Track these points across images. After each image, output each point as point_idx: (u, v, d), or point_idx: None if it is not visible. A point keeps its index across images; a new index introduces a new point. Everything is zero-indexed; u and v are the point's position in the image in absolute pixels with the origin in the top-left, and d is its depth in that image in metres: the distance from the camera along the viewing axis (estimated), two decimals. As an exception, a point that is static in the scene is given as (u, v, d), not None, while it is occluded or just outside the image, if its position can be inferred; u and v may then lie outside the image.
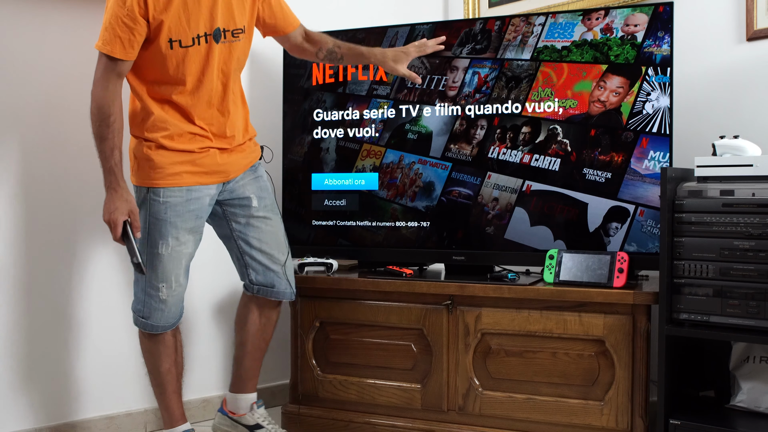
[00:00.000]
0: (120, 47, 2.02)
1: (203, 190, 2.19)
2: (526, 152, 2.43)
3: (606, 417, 2.19)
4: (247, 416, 2.41)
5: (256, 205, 2.31)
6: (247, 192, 2.29)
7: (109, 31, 2.01)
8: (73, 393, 2.49)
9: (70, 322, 2.49)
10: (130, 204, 2.08)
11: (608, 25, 2.36)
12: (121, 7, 2.00)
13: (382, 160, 2.61)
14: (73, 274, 2.50)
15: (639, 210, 2.30)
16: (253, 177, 2.32)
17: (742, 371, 2.14)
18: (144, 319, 2.18)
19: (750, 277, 1.94)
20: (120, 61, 2.04)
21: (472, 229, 2.49)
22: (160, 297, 2.15)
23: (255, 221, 2.31)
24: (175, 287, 2.17)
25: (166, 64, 2.09)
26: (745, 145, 2.04)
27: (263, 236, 2.32)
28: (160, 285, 2.15)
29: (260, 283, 2.34)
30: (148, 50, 2.08)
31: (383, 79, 2.61)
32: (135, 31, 2.02)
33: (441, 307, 2.38)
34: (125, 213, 2.06)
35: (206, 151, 2.19)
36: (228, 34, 2.17)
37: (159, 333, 2.19)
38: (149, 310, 2.17)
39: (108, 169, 2.07)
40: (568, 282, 2.26)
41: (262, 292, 2.34)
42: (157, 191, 2.13)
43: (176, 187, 2.14)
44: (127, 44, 2.03)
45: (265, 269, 2.32)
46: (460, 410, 2.36)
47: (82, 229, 2.51)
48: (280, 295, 2.35)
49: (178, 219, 2.14)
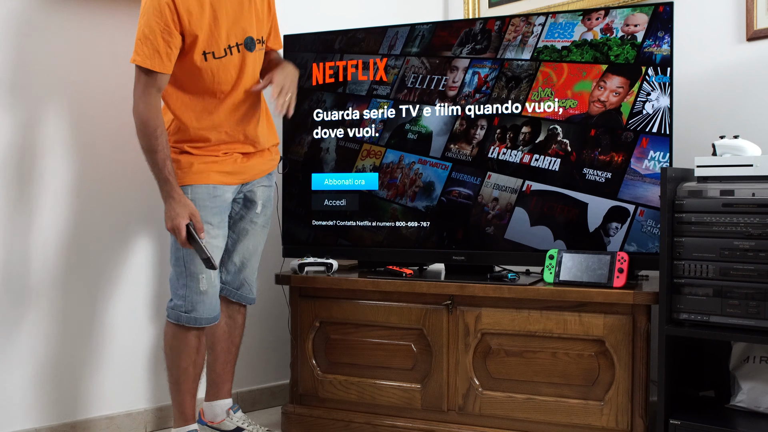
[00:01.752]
0: (159, 61, 2.04)
1: (225, 189, 2.25)
2: (526, 152, 2.43)
3: (606, 417, 2.19)
4: (225, 422, 2.44)
5: (258, 212, 2.38)
6: (256, 196, 2.37)
7: (147, 44, 2.03)
8: (73, 393, 2.49)
9: (72, 325, 2.49)
10: (189, 207, 2.12)
11: (608, 25, 2.36)
12: (158, 20, 2.02)
13: (382, 160, 2.61)
14: (80, 278, 2.50)
15: (639, 210, 2.30)
16: (266, 184, 2.40)
17: (742, 371, 2.14)
18: (187, 314, 2.21)
19: (750, 277, 1.93)
20: (159, 75, 2.07)
21: (472, 229, 2.49)
22: (200, 288, 2.20)
23: (251, 227, 2.38)
24: (214, 278, 2.23)
25: (202, 75, 2.14)
26: (745, 145, 2.04)
27: (250, 244, 2.39)
28: (200, 276, 2.19)
29: (227, 283, 2.40)
30: (184, 62, 2.11)
31: (383, 79, 2.61)
32: (172, 44, 2.05)
33: (441, 307, 2.38)
34: (186, 217, 2.10)
35: (230, 155, 2.26)
36: (258, 43, 2.24)
37: (191, 328, 2.22)
38: (191, 304, 2.20)
39: (163, 179, 2.11)
40: (568, 282, 2.26)
41: (226, 292, 2.39)
42: (186, 189, 2.18)
43: (202, 184, 2.20)
44: (165, 58, 2.05)
45: (237, 272, 2.39)
46: (460, 410, 2.36)
47: (88, 232, 2.52)
48: (243, 299, 2.42)
49: (204, 212, 2.20)
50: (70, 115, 2.47)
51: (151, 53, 2.03)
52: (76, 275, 2.49)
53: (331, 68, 2.68)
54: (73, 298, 2.49)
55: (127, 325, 2.61)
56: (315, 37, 2.67)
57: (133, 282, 2.62)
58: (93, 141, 2.51)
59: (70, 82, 2.46)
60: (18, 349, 2.38)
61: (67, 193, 2.47)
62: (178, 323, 2.21)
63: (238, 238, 2.37)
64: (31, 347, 2.41)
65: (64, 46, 2.44)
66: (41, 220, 2.42)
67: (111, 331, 2.57)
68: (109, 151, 2.54)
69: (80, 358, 2.51)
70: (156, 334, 2.64)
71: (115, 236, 2.57)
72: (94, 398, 2.53)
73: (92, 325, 2.54)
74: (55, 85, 2.43)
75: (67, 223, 2.47)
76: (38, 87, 2.40)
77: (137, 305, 2.63)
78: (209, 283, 2.21)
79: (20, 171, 2.38)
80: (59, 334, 2.46)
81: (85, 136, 2.50)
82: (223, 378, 2.45)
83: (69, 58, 2.45)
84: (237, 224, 2.36)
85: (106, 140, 2.53)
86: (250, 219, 2.37)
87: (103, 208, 2.54)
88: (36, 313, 2.42)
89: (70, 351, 2.49)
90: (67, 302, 2.48)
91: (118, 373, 2.58)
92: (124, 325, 2.60)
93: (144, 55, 2.04)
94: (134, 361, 2.62)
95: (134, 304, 2.62)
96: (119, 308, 2.59)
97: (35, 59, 2.39)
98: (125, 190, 2.56)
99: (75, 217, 2.49)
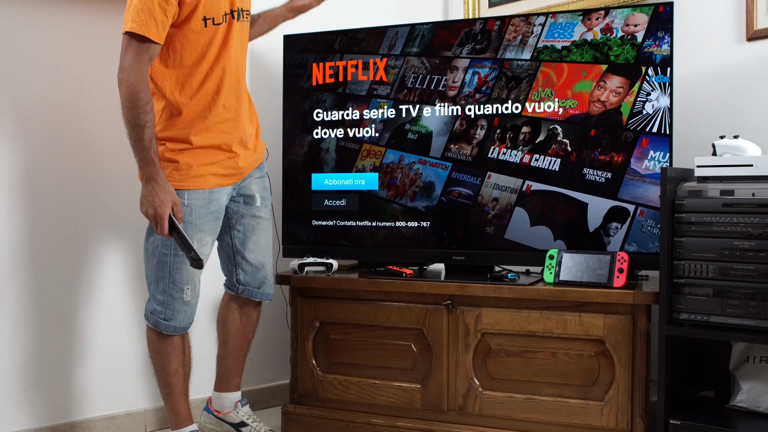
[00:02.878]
0: (155, 29, 1.97)
1: (221, 192, 2.21)
2: (526, 152, 2.43)
3: (606, 417, 2.19)
4: (231, 414, 2.43)
5: (258, 205, 2.35)
6: (252, 190, 2.33)
7: (143, 12, 1.95)
8: (73, 393, 2.49)
9: (71, 323, 2.49)
10: (173, 195, 2.03)
11: (608, 25, 2.36)
12: None
13: (382, 160, 2.61)
14: (76, 275, 2.50)
15: (639, 210, 2.30)
16: (259, 176, 2.36)
17: (742, 371, 2.14)
18: (166, 321, 2.16)
19: (750, 277, 1.93)
20: (153, 44, 1.99)
21: (472, 229, 2.49)
22: (184, 299, 2.16)
23: (254, 221, 2.34)
24: (198, 288, 2.20)
25: (199, 41, 2.08)
26: (745, 145, 2.04)
27: (258, 238, 2.36)
28: (185, 287, 2.15)
29: (247, 283, 2.36)
30: (181, 30, 2.06)
31: (383, 79, 2.61)
32: (167, 13, 1.99)
33: (441, 307, 2.38)
34: (170, 205, 2.01)
35: (232, 155, 2.21)
36: (244, 14, 2.19)
37: (174, 334, 2.20)
38: (172, 312, 2.16)
39: (147, 160, 2.00)
40: (568, 282, 2.26)
41: (247, 293, 2.37)
42: (182, 194, 2.11)
43: (200, 189, 2.14)
44: (161, 27, 1.98)
45: (254, 270, 2.36)
46: (460, 410, 2.36)
47: (85, 228, 2.51)
48: (265, 296, 2.40)
49: (201, 221, 2.15)
50: (68, 114, 2.47)
51: (147, 21, 1.95)
52: (79, 275, 2.49)
53: (331, 68, 2.68)
54: (75, 299, 2.49)
55: (128, 326, 2.61)
56: (315, 37, 2.67)
57: (133, 279, 2.62)
58: (90, 141, 2.52)
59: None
60: (14, 347, 2.38)
61: (59, 190, 2.47)
62: (157, 329, 2.18)
63: (247, 236, 2.33)
64: (30, 346, 2.41)
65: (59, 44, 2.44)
66: (41, 213, 2.42)
67: (111, 330, 2.57)
68: (99, 151, 2.54)
69: (80, 358, 2.51)
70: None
71: (109, 232, 2.57)
72: (94, 398, 2.54)
73: (93, 326, 2.54)
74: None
75: (60, 219, 2.47)
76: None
77: (137, 303, 2.63)
78: (193, 293, 2.17)
79: (14, 172, 2.38)
80: (58, 333, 2.46)
81: (82, 135, 2.50)
82: (233, 372, 2.44)
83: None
84: (241, 221, 2.33)
85: (102, 139, 2.53)
86: (253, 214, 2.34)
87: (93, 203, 2.54)
88: (34, 311, 2.42)
89: (70, 350, 2.49)
90: (68, 303, 2.48)
91: (119, 372, 2.58)
92: (124, 325, 2.60)
93: (140, 23, 1.95)
94: (134, 362, 2.62)
95: (134, 303, 2.62)
96: (119, 309, 2.59)
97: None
98: (114, 186, 2.56)
99: (68, 213, 2.50)
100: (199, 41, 2.10)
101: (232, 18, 2.15)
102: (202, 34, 2.09)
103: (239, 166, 2.25)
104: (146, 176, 2.03)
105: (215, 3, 2.10)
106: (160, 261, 2.14)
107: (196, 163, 2.14)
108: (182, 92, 2.12)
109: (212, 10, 2.09)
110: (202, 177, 2.15)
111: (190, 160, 2.14)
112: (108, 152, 2.52)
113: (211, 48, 2.13)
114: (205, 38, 2.10)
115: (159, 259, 2.14)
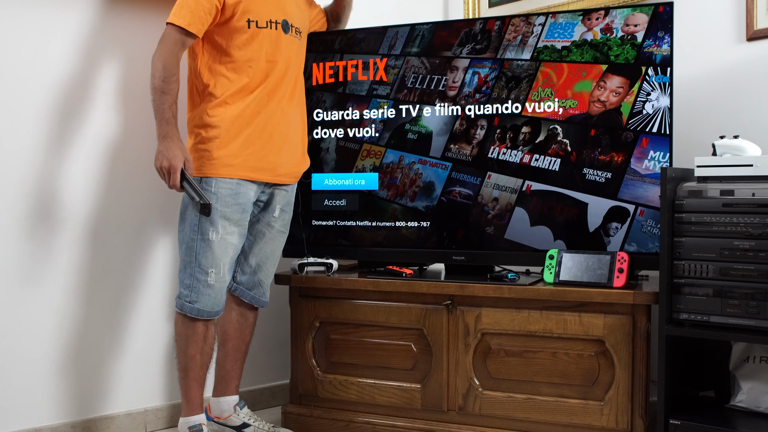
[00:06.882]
0: (196, 23, 2.17)
1: (250, 186, 2.29)
2: (526, 152, 2.43)
3: (606, 417, 2.19)
4: (232, 417, 2.46)
5: (276, 216, 2.43)
6: (274, 200, 2.41)
7: (187, 8, 2.15)
8: (73, 393, 2.49)
9: (71, 323, 2.48)
10: (185, 152, 2.17)
11: (608, 25, 2.36)
12: None
13: (382, 160, 2.61)
14: (77, 275, 2.49)
15: (639, 210, 2.30)
16: (288, 190, 2.47)
17: (742, 371, 2.14)
18: (191, 304, 2.24)
19: (750, 277, 1.94)
20: (190, 37, 2.19)
21: (472, 229, 2.49)
22: (209, 282, 2.23)
23: (268, 230, 2.42)
24: (223, 274, 2.26)
25: (245, 40, 2.26)
26: (745, 145, 2.04)
27: (267, 248, 2.43)
28: (209, 270, 2.23)
29: (242, 283, 2.43)
30: (227, 28, 2.23)
31: (383, 79, 2.61)
32: (209, 12, 2.18)
33: (441, 307, 2.38)
34: (182, 159, 2.14)
35: (267, 152, 2.31)
36: (293, 29, 2.36)
37: (200, 319, 2.25)
38: (197, 295, 2.23)
39: (166, 120, 2.16)
40: (568, 282, 2.26)
41: (239, 292, 2.42)
42: (209, 181, 2.23)
43: (228, 178, 2.23)
44: (201, 23, 2.18)
45: (252, 273, 2.42)
46: (460, 410, 2.36)
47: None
48: (255, 300, 2.45)
49: (226, 209, 2.24)
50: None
51: (189, 16, 2.15)
52: (79, 275, 2.49)
53: (331, 68, 2.68)
54: (75, 299, 2.49)
55: (129, 326, 2.61)
56: (315, 37, 2.67)
57: (140, 283, 2.62)
58: (119, 139, 2.56)
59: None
60: (19, 350, 2.38)
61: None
62: (182, 312, 2.25)
63: (255, 240, 2.41)
64: (32, 347, 2.41)
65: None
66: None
67: (111, 331, 2.57)
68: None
69: (80, 358, 2.51)
70: (157, 334, 2.65)
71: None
72: (93, 398, 2.53)
73: (93, 326, 2.54)
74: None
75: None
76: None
77: (147, 305, 2.63)
78: (218, 277, 2.24)
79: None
80: (60, 335, 2.46)
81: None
82: (231, 374, 2.47)
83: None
84: (253, 226, 2.40)
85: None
86: (267, 222, 2.42)
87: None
88: (37, 313, 2.42)
89: (71, 351, 2.49)
90: (67, 302, 2.48)
91: (119, 372, 2.58)
92: (125, 325, 2.60)
93: (182, 17, 2.15)
94: (135, 362, 2.62)
95: (143, 305, 2.62)
96: (120, 309, 2.59)
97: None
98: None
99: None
100: (246, 40, 2.25)
101: (279, 27, 2.31)
102: (246, 33, 2.25)
103: (271, 162, 2.33)
104: (162, 134, 2.16)
105: (259, 8, 2.26)
106: (188, 246, 2.25)
107: (225, 154, 2.24)
108: (227, 87, 2.25)
109: (256, 13, 2.25)
110: (232, 167, 2.25)
111: (222, 152, 2.24)
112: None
113: (260, 50, 2.27)
114: (252, 39, 2.25)
115: (187, 245, 2.25)
